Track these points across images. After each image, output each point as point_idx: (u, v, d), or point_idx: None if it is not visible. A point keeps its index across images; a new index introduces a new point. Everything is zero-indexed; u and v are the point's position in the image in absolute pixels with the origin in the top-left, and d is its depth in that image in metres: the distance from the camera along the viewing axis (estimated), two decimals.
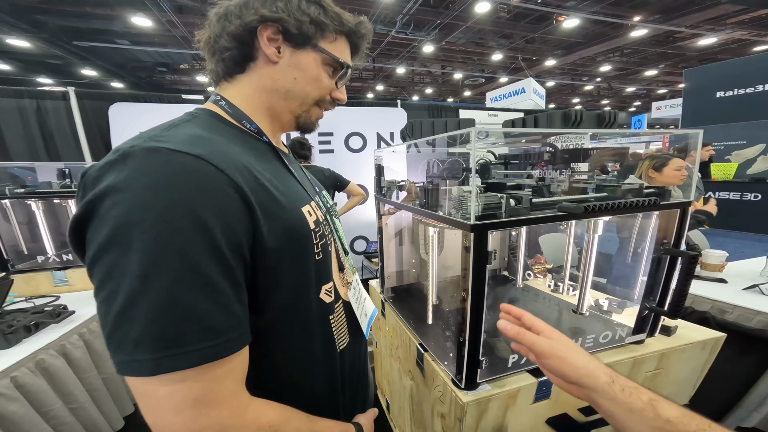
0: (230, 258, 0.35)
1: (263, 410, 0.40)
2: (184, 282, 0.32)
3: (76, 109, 2.47)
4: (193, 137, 0.39)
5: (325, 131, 2.98)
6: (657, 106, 9.99)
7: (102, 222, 0.32)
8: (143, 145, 0.34)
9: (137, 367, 0.31)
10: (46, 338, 1.16)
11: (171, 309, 0.32)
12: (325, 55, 0.50)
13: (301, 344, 0.48)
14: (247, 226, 0.38)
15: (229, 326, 0.35)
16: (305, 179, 0.58)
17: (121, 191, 0.32)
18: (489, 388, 0.69)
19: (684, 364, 0.81)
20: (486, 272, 0.62)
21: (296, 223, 0.45)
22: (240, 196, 0.37)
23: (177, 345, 0.32)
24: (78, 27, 6.47)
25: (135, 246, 0.31)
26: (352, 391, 0.59)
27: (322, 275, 0.50)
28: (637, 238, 0.85)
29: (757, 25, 7.43)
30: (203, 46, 0.50)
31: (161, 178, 0.33)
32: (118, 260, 0.32)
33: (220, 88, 0.52)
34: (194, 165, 0.35)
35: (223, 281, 0.35)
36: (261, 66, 0.49)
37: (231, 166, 0.38)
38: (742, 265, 1.75)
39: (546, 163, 0.91)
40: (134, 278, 0.31)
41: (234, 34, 0.46)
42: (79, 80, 9.33)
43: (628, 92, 14.70)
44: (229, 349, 0.35)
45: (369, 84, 12.80)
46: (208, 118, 0.47)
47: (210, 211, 0.34)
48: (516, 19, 7.32)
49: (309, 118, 0.54)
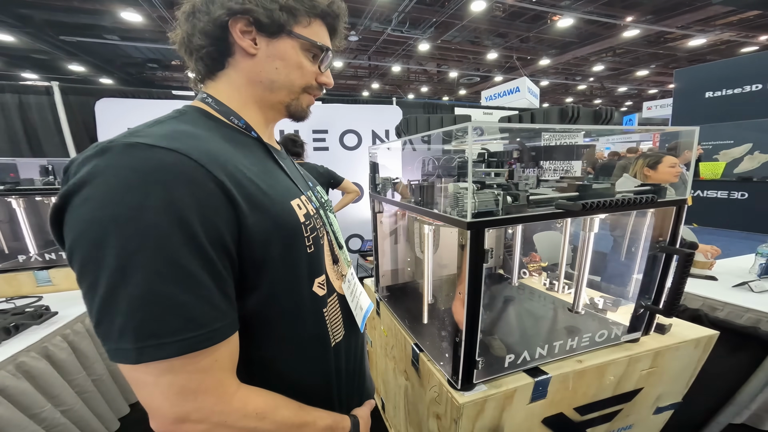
0: (211, 251, 0.36)
1: (251, 397, 0.40)
2: (162, 275, 0.33)
3: (60, 104, 2.40)
4: (174, 132, 0.38)
5: (319, 128, 2.95)
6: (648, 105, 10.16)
7: (76, 215, 0.33)
8: (122, 140, 0.35)
9: (123, 354, 0.33)
10: (26, 340, 1.13)
11: (150, 301, 0.32)
12: (303, 41, 0.49)
13: (294, 336, 0.48)
14: (230, 220, 0.38)
15: (211, 317, 0.36)
16: (297, 174, 0.57)
17: (95, 185, 0.32)
18: (485, 388, 0.68)
19: (678, 362, 0.81)
20: (483, 271, 0.60)
21: (285, 216, 0.45)
22: (221, 190, 0.37)
23: (158, 335, 0.33)
24: (65, 21, 6.28)
25: (109, 241, 0.32)
26: (348, 385, 0.58)
27: (315, 268, 0.50)
28: (631, 236, 0.85)
29: (745, 26, 7.60)
30: (178, 46, 0.50)
31: (136, 173, 0.33)
32: (94, 254, 0.32)
33: (205, 86, 0.51)
34: (172, 159, 0.35)
35: (204, 274, 0.35)
36: (240, 60, 0.48)
37: (212, 161, 0.37)
38: (732, 262, 1.77)
39: (515, 160, 0.90)
40: (112, 271, 0.32)
41: (205, 32, 0.46)
42: (66, 76, 9.08)
43: (620, 92, 14.91)
44: (212, 339, 0.36)
45: (364, 82, 12.75)
46: (196, 115, 0.46)
47: (188, 205, 0.34)
48: (511, 18, 7.35)
49: (300, 105, 0.54)
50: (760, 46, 8.65)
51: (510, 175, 0.87)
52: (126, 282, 0.32)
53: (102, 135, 2.45)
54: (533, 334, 0.85)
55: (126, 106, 2.47)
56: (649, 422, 0.90)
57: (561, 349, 0.75)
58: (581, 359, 0.74)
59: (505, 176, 0.87)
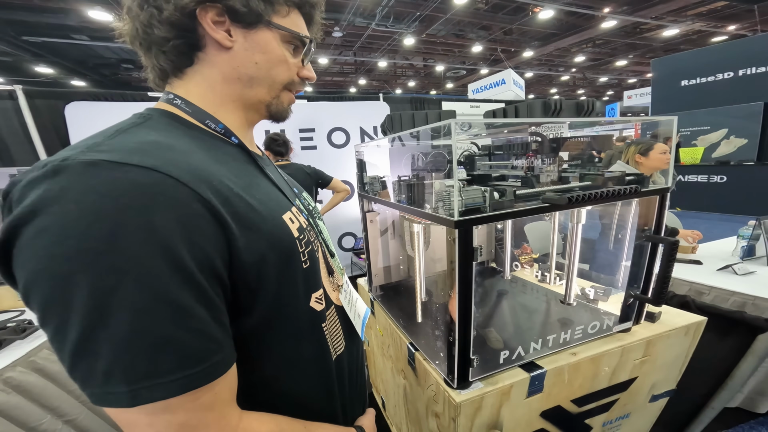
0: (202, 279, 0.32)
1: (254, 426, 0.38)
2: (150, 312, 0.29)
3: (26, 109, 2.26)
4: (144, 144, 0.34)
5: (306, 127, 2.90)
6: (628, 95, 10.41)
7: (28, 251, 0.28)
8: (80, 157, 0.29)
9: (113, 399, 0.29)
10: (11, 355, 1.09)
11: (138, 340, 0.29)
12: (283, 32, 0.45)
13: (293, 356, 0.45)
14: (219, 243, 0.34)
15: (209, 351, 0.33)
16: (283, 182, 0.53)
17: (51, 214, 0.27)
18: (482, 385, 0.67)
19: (670, 349, 0.83)
20: (473, 269, 0.59)
21: (278, 233, 0.41)
22: (208, 210, 0.33)
23: (153, 376, 0.29)
24: (27, 21, 5.93)
25: (77, 279, 0.27)
26: (351, 395, 0.57)
27: (311, 283, 0.46)
28: (618, 224, 0.86)
29: (714, 17, 7.86)
30: (130, 40, 0.43)
31: (104, 198, 0.28)
32: (58, 295, 0.28)
33: (170, 85, 0.45)
34: (147, 179, 0.30)
35: (197, 305, 0.32)
36: (213, 54, 0.43)
37: (195, 178, 0.33)
38: (715, 246, 1.83)
39: (534, 152, 0.89)
40: (85, 314, 0.28)
41: (170, 22, 0.40)
42: (34, 78, 8.63)
43: (602, 82, 15.23)
44: (213, 374, 0.33)
45: (351, 78, 12.61)
46: (164, 120, 0.40)
47: (172, 231, 0.30)
48: (494, 11, 7.38)
49: (281, 104, 0.49)
50: (729, 35, 8.97)
51: (530, 168, 0.85)
52: (105, 323, 0.28)
53: (75, 140, 2.31)
54: (527, 329, 0.85)
55: (98, 109, 2.35)
56: (646, 410, 0.92)
57: (555, 343, 0.75)
58: (575, 351, 0.74)
59: (524, 168, 0.85)
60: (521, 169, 0.86)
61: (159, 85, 0.46)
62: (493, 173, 0.88)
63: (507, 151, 0.94)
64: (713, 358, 1.04)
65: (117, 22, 0.43)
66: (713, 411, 1.17)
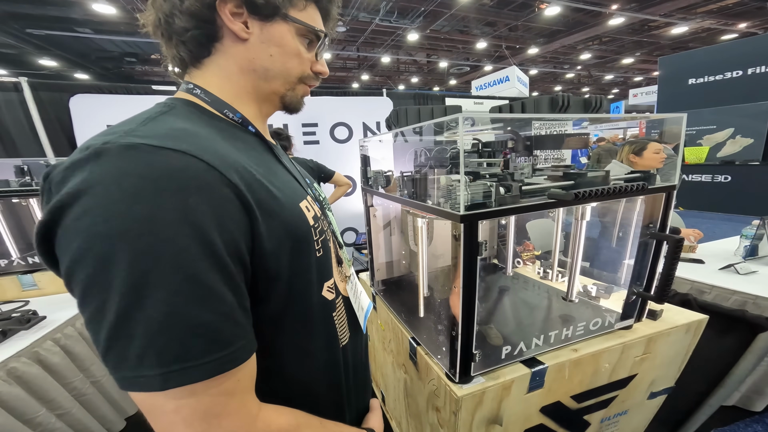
0: (230, 264, 0.33)
1: (273, 417, 0.38)
2: (183, 294, 0.30)
3: (31, 101, 2.26)
4: (175, 131, 0.34)
5: (309, 122, 2.89)
6: (634, 93, 10.29)
7: (72, 232, 0.28)
8: (120, 141, 0.30)
9: (144, 382, 0.29)
10: (16, 346, 1.09)
11: (172, 322, 0.29)
12: (299, 26, 0.45)
13: (307, 344, 0.46)
14: (245, 228, 0.35)
15: (235, 336, 0.33)
16: (296, 172, 0.54)
17: (94, 195, 0.28)
18: (483, 380, 0.68)
19: (670, 347, 0.83)
20: (477, 264, 0.59)
21: (296, 220, 0.42)
22: (236, 195, 0.34)
23: (184, 359, 0.30)
24: (31, 14, 5.91)
25: (119, 258, 0.28)
26: (356, 384, 0.58)
27: (324, 272, 0.47)
28: (621, 222, 0.86)
29: (724, 14, 7.73)
30: (152, 30, 0.44)
31: (143, 180, 0.29)
32: (100, 274, 0.28)
33: (189, 75, 0.46)
34: (182, 163, 0.31)
35: (225, 289, 0.32)
36: (229, 46, 0.44)
37: (224, 163, 0.34)
38: (717, 245, 1.82)
39: (510, 150, 0.89)
40: (123, 294, 0.28)
41: (190, 12, 0.41)
42: (37, 71, 8.62)
43: (607, 80, 15.06)
44: (237, 359, 0.33)
45: (354, 74, 12.53)
46: (187, 109, 0.41)
47: (205, 214, 0.31)
48: (499, 7, 7.29)
49: (295, 96, 0.50)
50: (740, 33, 8.83)
51: (505, 165, 0.85)
52: (142, 303, 0.28)
53: (79, 132, 2.32)
54: (529, 324, 0.86)
55: (102, 102, 2.33)
56: (644, 407, 0.93)
57: (556, 339, 0.75)
58: (576, 348, 0.75)
59: (500, 166, 0.86)
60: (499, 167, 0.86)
61: (178, 75, 0.47)
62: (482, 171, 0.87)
63: (492, 149, 0.93)
64: (713, 356, 1.04)
65: (140, 13, 0.45)
66: (710, 408, 1.17)
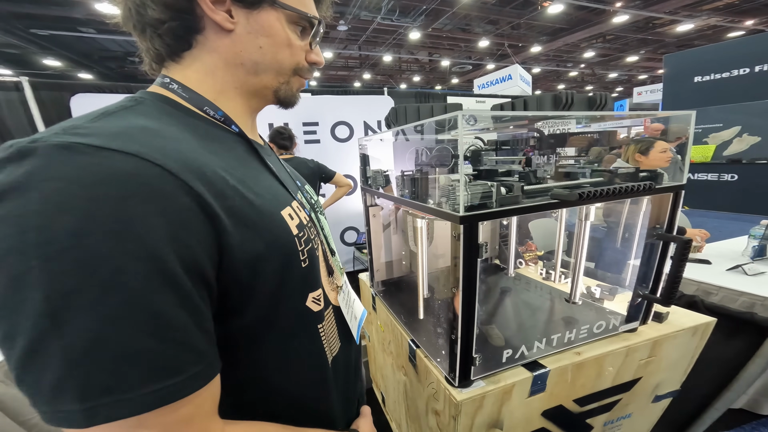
0: (186, 282, 0.29)
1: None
2: (117, 318, 0.26)
3: (32, 100, 2.27)
4: (131, 129, 0.31)
5: (310, 121, 2.89)
6: (638, 91, 10.18)
7: None
8: (51, 139, 0.26)
9: (64, 418, 0.25)
10: None
11: (99, 352, 0.25)
12: (290, 12, 0.41)
13: (287, 356, 0.43)
14: (209, 242, 0.31)
15: (186, 363, 0.29)
16: (285, 175, 0.50)
17: (11, 203, 0.24)
18: (483, 384, 0.66)
19: (676, 350, 0.81)
20: (477, 266, 0.58)
21: (276, 230, 0.38)
22: (198, 204, 0.30)
23: (115, 391, 0.26)
24: (34, 14, 5.96)
25: (34, 279, 0.24)
26: (347, 395, 0.55)
27: (309, 283, 0.44)
28: (626, 222, 0.84)
29: (730, 12, 7.62)
30: (123, 22, 0.40)
31: (73, 186, 0.25)
32: (8, 297, 0.24)
33: (166, 69, 0.42)
34: (129, 167, 0.27)
35: (178, 311, 0.28)
36: (212, 38, 0.39)
37: (184, 167, 0.30)
38: (724, 245, 1.79)
39: (532, 148, 0.87)
40: (36, 319, 0.24)
41: (164, 2, 0.36)
42: (41, 71, 8.68)
43: (611, 78, 14.94)
44: (191, 387, 0.29)
45: (355, 72, 12.52)
46: (158, 104, 0.37)
47: (155, 226, 0.27)
48: (501, 5, 7.23)
49: (290, 90, 0.46)
50: (747, 30, 8.70)
51: (527, 163, 0.83)
52: (60, 330, 0.24)
53: None
54: (531, 327, 0.84)
55: (103, 101, 2.21)
56: (648, 411, 0.91)
57: (559, 342, 0.73)
58: (580, 351, 0.73)
59: (522, 163, 0.84)
60: (520, 165, 0.84)
61: (155, 69, 0.43)
62: (499, 168, 0.86)
63: (513, 146, 0.92)
64: (720, 358, 1.02)
65: (111, 4, 0.40)
66: (716, 412, 1.15)
